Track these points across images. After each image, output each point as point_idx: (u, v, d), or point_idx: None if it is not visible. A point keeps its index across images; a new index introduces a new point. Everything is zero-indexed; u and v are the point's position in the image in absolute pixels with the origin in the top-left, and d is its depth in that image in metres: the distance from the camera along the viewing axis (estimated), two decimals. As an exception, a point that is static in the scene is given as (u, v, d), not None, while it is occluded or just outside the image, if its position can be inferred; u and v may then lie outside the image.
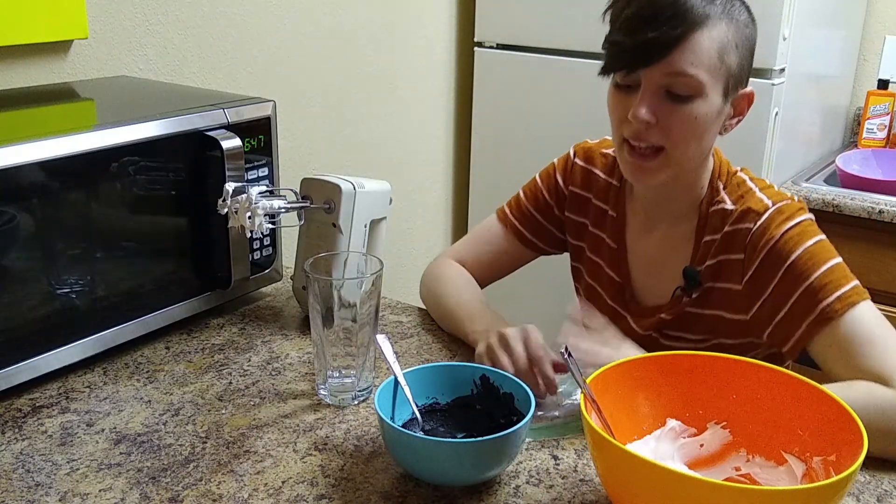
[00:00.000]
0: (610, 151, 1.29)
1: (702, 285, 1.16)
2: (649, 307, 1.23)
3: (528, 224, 1.36)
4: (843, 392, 0.89)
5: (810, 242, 1.08)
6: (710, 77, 1.05)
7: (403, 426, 0.97)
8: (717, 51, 1.05)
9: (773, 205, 1.12)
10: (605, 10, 1.11)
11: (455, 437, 0.98)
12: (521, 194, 1.37)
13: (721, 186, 1.16)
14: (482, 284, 1.38)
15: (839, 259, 1.08)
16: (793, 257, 1.08)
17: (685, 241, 1.18)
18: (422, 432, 0.97)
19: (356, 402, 1.09)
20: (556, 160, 1.35)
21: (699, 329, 1.19)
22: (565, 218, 1.33)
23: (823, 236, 1.11)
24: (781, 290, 1.08)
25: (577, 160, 1.31)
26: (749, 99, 1.13)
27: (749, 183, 1.16)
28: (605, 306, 1.28)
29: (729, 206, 1.14)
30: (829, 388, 0.88)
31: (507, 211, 1.38)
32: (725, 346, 1.18)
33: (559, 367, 1.06)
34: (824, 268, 1.06)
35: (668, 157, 1.09)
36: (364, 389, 1.10)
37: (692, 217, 1.18)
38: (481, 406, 1.02)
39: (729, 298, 1.15)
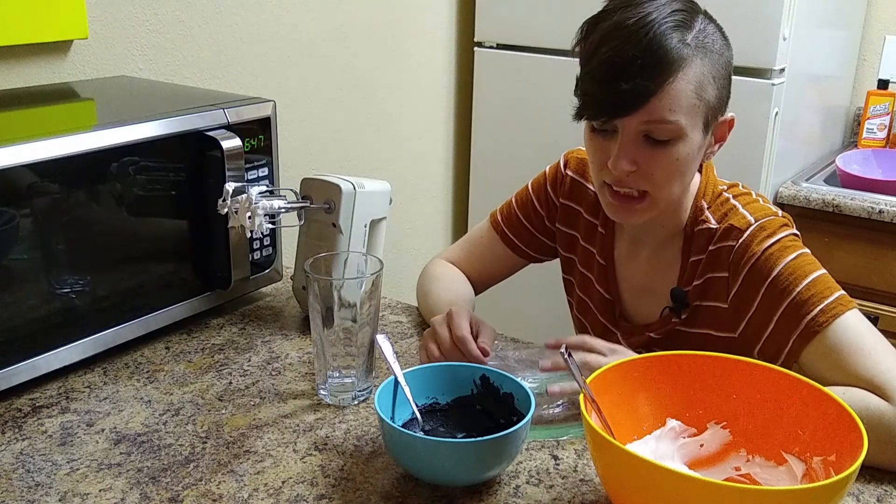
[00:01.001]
0: None
1: (690, 305, 1.16)
2: (639, 325, 1.22)
3: (518, 233, 1.35)
4: (840, 397, 0.88)
5: (791, 257, 1.06)
6: (689, 118, 1.03)
7: (403, 426, 0.97)
8: (694, 91, 1.02)
9: (756, 221, 1.10)
10: (574, 46, 1.08)
11: (455, 437, 0.98)
12: (513, 202, 1.37)
13: (705, 206, 1.15)
14: (477, 290, 1.38)
15: (822, 271, 1.07)
16: (774, 273, 1.06)
17: (672, 262, 1.18)
18: (422, 432, 0.97)
19: (356, 402, 1.09)
20: (547, 169, 1.34)
21: (688, 347, 1.17)
22: (556, 229, 1.33)
23: (806, 250, 1.09)
24: (766, 307, 1.07)
25: (568, 172, 1.30)
26: (730, 125, 1.11)
27: (733, 201, 1.14)
28: (597, 322, 1.28)
29: (713, 224, 1.13)
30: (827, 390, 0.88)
31: (499, 218, 1.37)
32: None
33: (484, 350, 1.09)
34: (806, 281, 1.05)
35: (652, 198, 1.08)
36: (364, 389, 1.10)
37: (677, 239, 1.17)
38: (481, 406, 1.02)
39: (716, 317, 1.14)
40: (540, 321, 1.88)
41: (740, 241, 1.10)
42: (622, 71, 1.00)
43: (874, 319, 1.36)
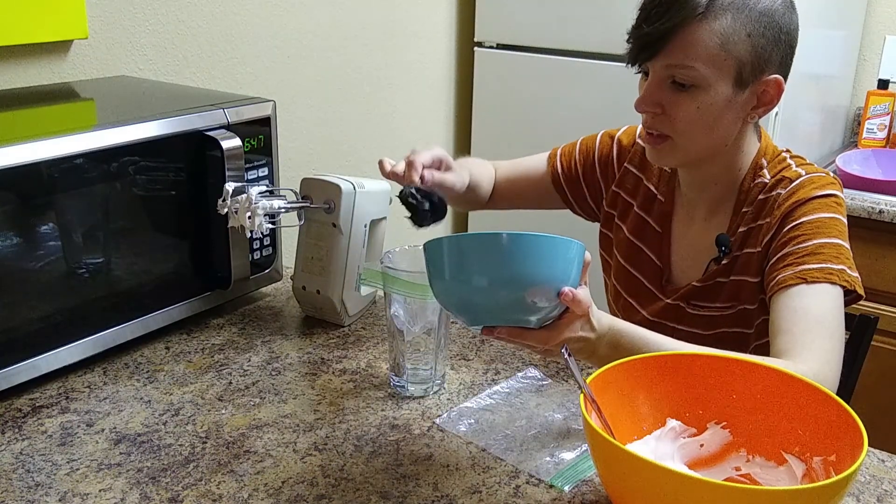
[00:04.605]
0: None
1: (731, 252, 1.18)
2: (682, 286, 1.24)
3: (567, 171, 1.37)
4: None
5: (826, 215, 1.10)
6: (711, 69, 1.06)
7: None
8: (719, 42, 1.05)
9: (806, 174, 1.15)
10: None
11: None
12: (578, 143, 1.38)
13: (765, 164, 1.18)
14: (500, 200, 1.41)
15: (845, 244, 1.10)
16: (804, 219, 1.10)
17: (725, 220, 1.20)
18: None
19: (436, 389, 1.12)
20: (624, 128, 1.34)
21: (724, 297, 1.20)
22: (612, 191, 1.33)
23: (842, 217, 1.12)
24: (781, 242, 1.11)
25: (639, 140, 1.32)
26: (776, 86, 1.11)
27: (789, 160, 1.19)
28: (640, 287, 1.29)
29: (767, 179, 1.17)
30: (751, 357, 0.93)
31: (558, 150, 1.39)
32: (747, 311, 1.19)
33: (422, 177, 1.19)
34: (826, 240, 1.08)
35: (675, 144, 1.11)
36: (440, 377, 1.12)
37: (732, 197, 1.20)
38: None
39: (751, 263, 1.16)
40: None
41: (788, 188, 1.14)
42: (648, 15, 1.07)
43: (874, 319, 1.36)
